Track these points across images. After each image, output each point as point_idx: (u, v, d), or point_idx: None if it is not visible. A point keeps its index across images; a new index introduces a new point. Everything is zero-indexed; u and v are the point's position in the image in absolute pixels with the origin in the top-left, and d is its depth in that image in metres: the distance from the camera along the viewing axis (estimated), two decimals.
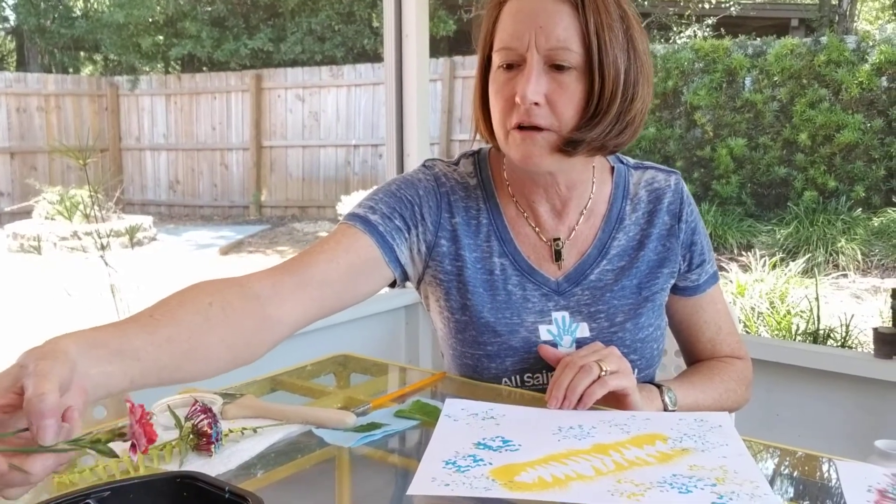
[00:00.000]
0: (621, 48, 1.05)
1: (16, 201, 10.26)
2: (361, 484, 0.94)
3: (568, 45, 1.03)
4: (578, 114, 1.06)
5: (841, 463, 0.91)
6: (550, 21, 1.03)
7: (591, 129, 1.06)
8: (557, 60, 1.03)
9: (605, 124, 1.06)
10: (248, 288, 0.97)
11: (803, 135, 7.97)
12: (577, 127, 1.06)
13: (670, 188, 1.22)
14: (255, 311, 0.96)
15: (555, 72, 1.04)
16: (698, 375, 1.22)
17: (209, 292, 0.91)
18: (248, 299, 0.95)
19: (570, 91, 1.04)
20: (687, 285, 1.23)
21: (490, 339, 1.16)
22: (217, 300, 0.91)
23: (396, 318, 2.55)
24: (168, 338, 0.82)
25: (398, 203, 1.16)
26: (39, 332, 1.05)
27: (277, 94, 11.56)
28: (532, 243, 1.19)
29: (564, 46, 1.03)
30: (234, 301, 0.93)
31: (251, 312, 0.95)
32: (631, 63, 1.06)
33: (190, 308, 0.88)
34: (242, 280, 0.98)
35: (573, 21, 1.03)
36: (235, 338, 0.92)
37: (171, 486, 0.74)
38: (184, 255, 9.09)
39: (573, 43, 1.03)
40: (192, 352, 0.85)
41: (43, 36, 14.06)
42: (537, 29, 1.03)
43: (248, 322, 0.94)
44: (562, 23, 1.03)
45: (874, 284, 6.63)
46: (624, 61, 1.05)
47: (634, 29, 1.07)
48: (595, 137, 1.06)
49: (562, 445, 0.92)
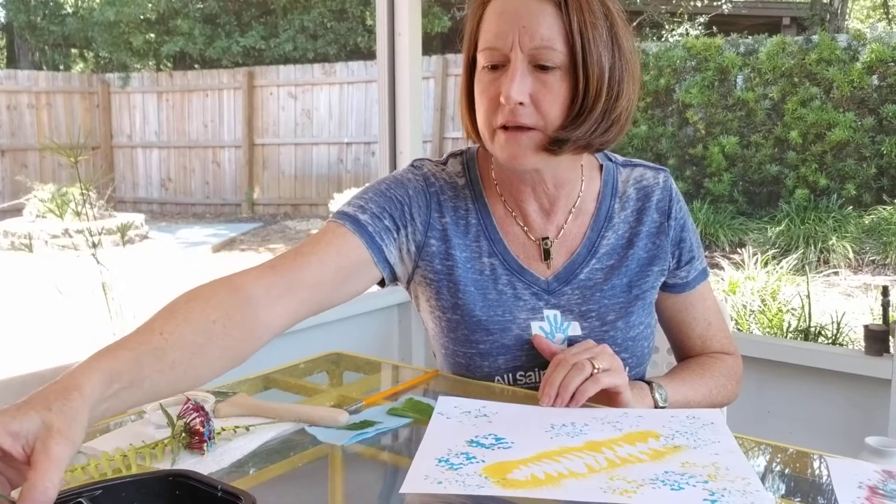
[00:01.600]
0: (605, 46, 1.05)
1: (6, 199, 10.21)
2: (354, 482, 0.94)
3: (552, 44, 1.03)
4: (563, 113, 1.06)
5: (832, 459, 0.92)
6: (534, 21, 1.03)
7: (576, 128, 1.06)
8: (541, 60, 1.04)
9: (590, 123, 1.06)
10: (244, 293, 0.97)
11: (795, 133, 8.00)
12: (562, 126, 1.06)
13: (659, 185, 1.22)
14: (250, 317, 0.96)
15: (539, 71, 1.04)
16: (688, 372, 1.23)
17: (213, 306, 0.92)
18: (244, 306, 0.96)
19: (554, 90, 1.05)
20: (676, 282, 1.24)
21: (482, 338, 1.16)
22: (220, 317, 0.91)
23: (389, 316, 2.55)
24: (172, 363, 0.84)
25: (388, 203, 1.16)
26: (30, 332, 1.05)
27: (270, 92, 11.53)
28: (521, 242, 1.19)
29: (548, 46, 1.03)
30: (234, 314, 0.93)
31: (246, 320, 0.95)
32: (616, 61, 1.06)
33: (195, 326, 0.88)
34: (238, 283, 0.98)
35: (556, 20, 1.03)
36: (232, 351, 0.93)
37: (163, 485, 0.74)
38: (176, 253, 9.07)
39: (557, 42, 1.03)
40: (191, 372, 0.86)
41: (33, 33, 13.98)
42: (521, 29, 1.03)
43: (243, 332, 0.95)
44: (545, 22, 1.03)
45: (865, 282, 6.66)
46: (608, 59, 1.05)
47: (619, 27, 1.07)
48: (580, 136, 1.07)
49: (554, 443, 0.92)
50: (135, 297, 3.04)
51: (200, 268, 7.93)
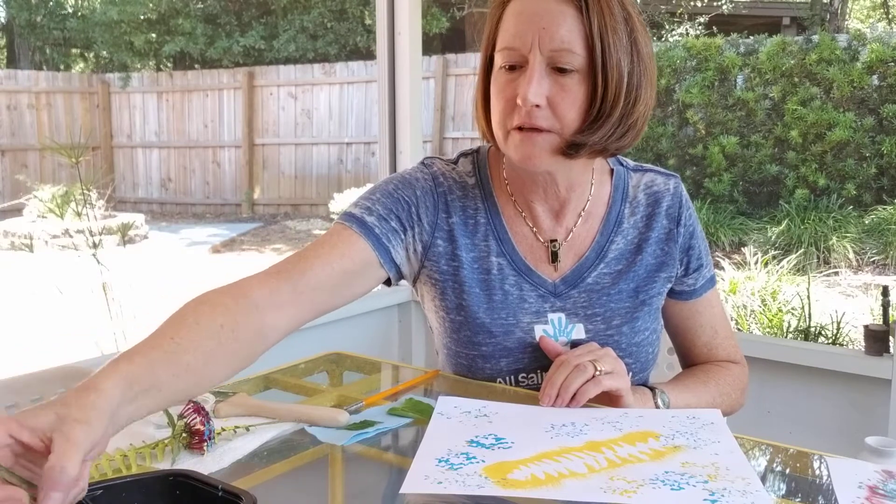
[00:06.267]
0: (625, 50, 1.04)
1: (6, 199, 10.20)
2: (354, 482, 0.94)
3: (571, 47, 1.02)
4: (580, 117, 1.05)
5: (832, 459, 0.92)
6: (554, 22, 1.02)
7: (593, 133, 1.05)
8: (560, 63, 1.02)
9: (607, 128, 1.05)
10: (250, 299, 0.98)
11: (795, 133, 7.99)
12: (579, 130, 1.05)
13: (669, 191, 1.21)
14: (256, 322, 0.97)
15: (557, 74, 1.03)
16: (692, 379, 1.22)
17: (220, 312, 0.93)
18: (250, 312, 0.96)
19: (572, 94, 1.03)
20: (684, 289, 1.23)
21: (485, 340, 1.16)
22: (227, 322, 0.92)
23: (389, 316, 2.55)
24: (186, 366, 0.85)
25: (395, 204, 1.16)
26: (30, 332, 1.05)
27: (270, 92, 11.53)
28: (529, 243, 1.19)
29: (567, 48, 1.02)
30: (240, 320, 0.94)
31: (252, 325, 0.96)
32: (634, 66, 1.05)
33: (205, 331, 0.90)
34: (244, 289, 0.99)
35: (577, 23, 1.02)
36: (240, 357, 0.94)
37: (164, 485, 0.74)
38: (176, 253, 9.06)
39: (576, 45, 1.02)
40: (204, 376, 0.88)
41: (34, 32, 13.98)
42: (540, 30, 1.02)
43: (250, 335, 0.95)
44: (565, 24, 1.02)
45: (865, 282, 6.65)
46: (627, 64, 1.04)
47: (638, 31, 1.06)
48: (597, 141, 1.06)
49: (555, 443, 0.92)
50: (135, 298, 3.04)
51: (200, 268, 7.93)
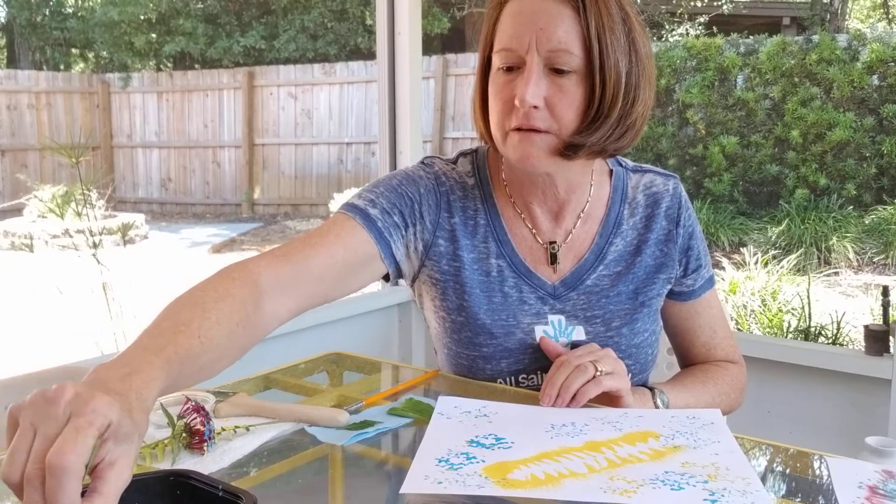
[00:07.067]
0: (623, 51, 1.03)
1: (6, 199, 10.20)
2: (354, 482, 0.94)
3: (568, 47, 1.02)
4: (579, 118, 1.04)
5: (832, 459, 0.92)
6: (551, 23, 1.02)
7: (591, 134, 1.05)
8: (558, 64, 1.02)
9: (605, 128, 1.05)
10: (258, 287, 0.96)
11: (795, 133, 7.99)
12: (577, 131, 1.05)
13: (668, 192, 1.21)
14: (259, 311, 0.96)
15: (555, 75, 1.03)
16: (691, 379, 1.22)
17: (238, 308, 0.91)
18: (258, 301, 0.95)
19: (570, 95, 1.03)
20: (682, 290, 1.23)
21: (486, 341, 1.16)
22: (242, 319, 0.91)
23: (389, 316, 2.55)
24: (202, 367, 0.84)
25: (399, 199, 1.15)
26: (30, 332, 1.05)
27: (270, 92, 11.53)
28: (528, 245, 1.18)
29: (565, 49, 1.01)
30: (251, 313, 0.93)
31: (257, 315, 0.95)
32: (632, 66, 1.05)
33: (224, 328, 0.88)
34: (253, 273, 0.97)
35: (574, 23, 1.01)
36: (243, 346, 0.93)
37: (164, 485, 0.74)
38: (176, 253, 9.06)
39: (574, 46, 1.02)
40: (212, 371, 0.87)
41: (34, 32, 13.98)
42: (538, 31, 1.02)
43: (255, 331, 0.95)
44: (563, 25, 1.01)
45: (865, 282, 6.65)
46: (625, 64, 1.04)
47: (636, 31, 1.05)
48: (595, 142, 1.05)
49: (554, 443, 0.92)
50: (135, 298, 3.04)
51: (200, 268, 7.93)
